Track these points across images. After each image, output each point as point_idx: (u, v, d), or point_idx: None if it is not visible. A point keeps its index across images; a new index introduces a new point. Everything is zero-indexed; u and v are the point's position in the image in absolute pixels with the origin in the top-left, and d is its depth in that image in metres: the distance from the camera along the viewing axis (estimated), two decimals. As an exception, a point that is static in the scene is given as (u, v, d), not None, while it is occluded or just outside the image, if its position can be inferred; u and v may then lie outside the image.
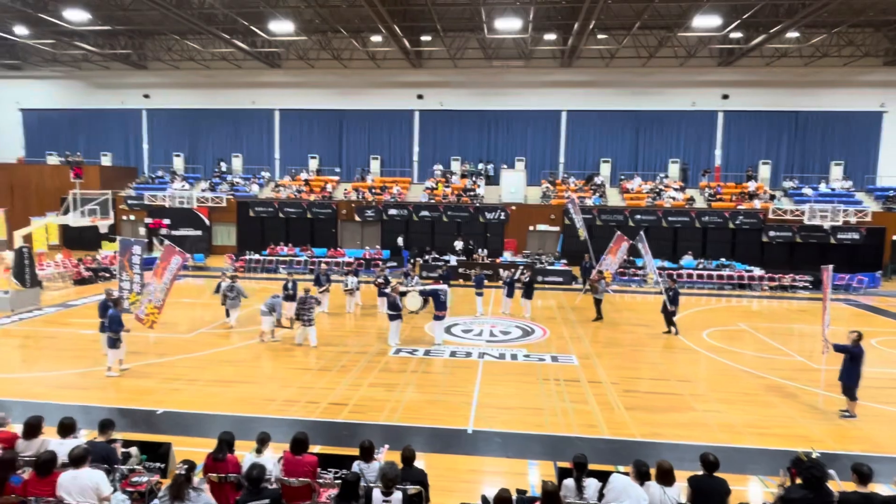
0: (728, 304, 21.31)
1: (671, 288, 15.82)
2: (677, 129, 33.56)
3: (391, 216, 30.93)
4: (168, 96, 36.60)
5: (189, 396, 10.27)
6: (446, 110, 34.89)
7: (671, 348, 14.45)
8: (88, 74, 36.94)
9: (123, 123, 37.44)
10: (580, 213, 23.21)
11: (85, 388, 10.68)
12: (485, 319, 17.22)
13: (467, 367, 12.38)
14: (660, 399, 10.59)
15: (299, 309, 13.24)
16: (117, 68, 36.14)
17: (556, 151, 34.76)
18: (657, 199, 30.64)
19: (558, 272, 24.98)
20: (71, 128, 37.79)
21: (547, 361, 12.91)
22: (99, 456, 6.05)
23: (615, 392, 10.92)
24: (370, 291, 20.34)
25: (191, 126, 36.95)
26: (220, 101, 36.19)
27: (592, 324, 17.01)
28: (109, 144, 37.59)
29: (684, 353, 14.04)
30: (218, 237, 32.83)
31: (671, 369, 12.56)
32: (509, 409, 9.92)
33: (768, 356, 13.81)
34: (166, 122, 37.08)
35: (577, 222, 23.15)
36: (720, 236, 28.94)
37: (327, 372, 11.83)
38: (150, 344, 13.78)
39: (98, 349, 12.96)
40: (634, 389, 11.13)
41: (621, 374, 12.08)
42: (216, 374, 11.60)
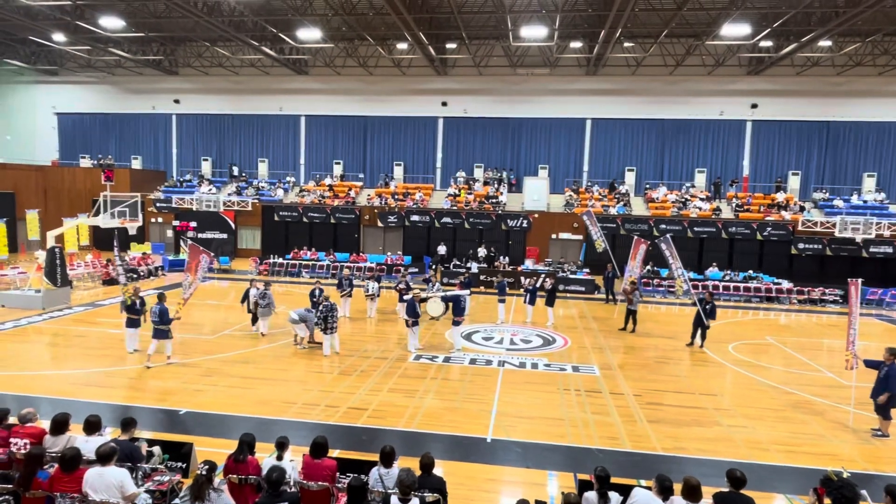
0: (755, 318, 20.88)
1: (708, 301, 15.44)
2: (704, 139, 33.11)
3: (413, 222, 31.03)
4: (197, 102, 37.37)
5: (211, 397, 10.38)
6: (470, 117, 34.96)
7: (696, 361, 14.20)
8: (121, 80, 37.94)
9: (154, 128, 38.32)
10: (597, 225, 22.91)
11: (111, 386, 10.88)
12: (505, 327, 17.13)
13: (487, 374, 12.31)
14: (684, 413, 10.39)
15: (327, 317, 13.16)
16: (149, 74, 37.05)
17: (580, 159, 34.55)
18: (683, 208, 30.22)
19: (581, 281, 24.76)
20: (103, 131, 38.82)
21: (568, 371, 12.77)
22: (123, 454, 6.14)
23: (638, 404, 10.75)
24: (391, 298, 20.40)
25: (219, 131, 37.65)
26: (247, 107, 36.82)
27: (614, 334, 16.80)
28: (140, 148, 38.52)
29: (710, 366, 13.78)
30: (243, 240, 33.30)
31: (696, 383, 12.33)
32: (529, 419, 9.82)
33: (796, 371, 13.47)
34: (195, 126, 37.85)
35: (594, 234, 22.93)
36: (747, 248, 28.41)
37: (347, 376, 11.87)
38: (174, 345, 13.96)
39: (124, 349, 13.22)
40: (658, 402, 10.94)
41: (644, 387, 11.89)
42: (238, 376, 11.71)
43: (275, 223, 32.35)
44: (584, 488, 6.01)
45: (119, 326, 14.31)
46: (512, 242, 30.41)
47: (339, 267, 26.09)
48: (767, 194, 31.54)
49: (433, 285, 18.04)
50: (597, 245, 22.87)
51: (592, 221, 22.99)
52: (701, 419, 10.12)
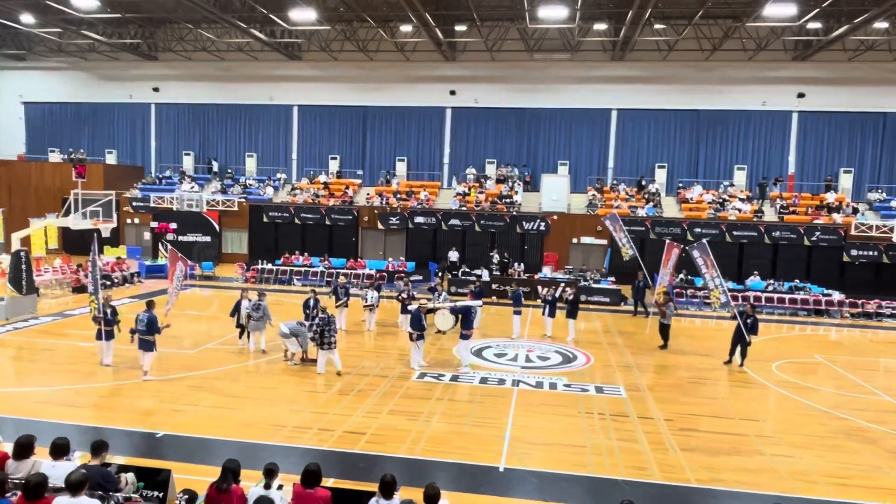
0: (802, 333, 20.71)
1: (750, 314, 15.36)
2: (744, 132, 33.02)
3: (417, 224, 31.09)
4: (179, 90, 37.70)
5: (192, 419, 10.41)
6: (481, 108, 35.04)
7: (736, 382, 14.11)
8: (95, 66, 38.34)
9: (130, 119, 38.68)
10: (623, 230, 22.78)
11: (81, 405, 10.94)
12: (521, 343, 17.09)
13: (500, 395, 12.29)
14: (721, 440, 10.32)
15: (323, 331, 13.12)
16: (126, 59, 37.42)
17: (604, 155, 34.54)
18: (720, 210, 30.10)
19: (605, 291, 24.69)
20: (75, 123, 39.23)
21: (591, 392, 12.72)
22: (95, 481, 6.16)
23: (669, 430, 10.68)
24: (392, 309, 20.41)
25: (202, 123, 37.95)
26: (234, 96, 37.11)
27: (643, 350, 16.73)
28: (115, 141, 38.89)
29: (751, 387, 13.70)
30: (228, 244, 33.47)
31: (735, 406, 12.26)
32: (547, 446, 9.79)
33: (849, 394, 13.35)
34: (176, 117, 38.17)
35: (619, 240, 22.83)
36: (793, 254, 28.24)
37: (343, 396, 11.88)
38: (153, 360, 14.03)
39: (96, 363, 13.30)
40: (692, 428, 10.87)
41: (676, 410, 11.82)
42: (222, 396, 11.74)
43: (263, 225, 32.50)
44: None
45: (90, 339, 14.39)
46: (528, 247, 30.39)
47: (335, 274, 26.14)
48: (816, 194, 31.36)
49: (439, 295, 18.03)
50: (623, 253, 22.76)
51: (618, 226, 22.91)
52: (741, 447, 10.04)
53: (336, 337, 13.25)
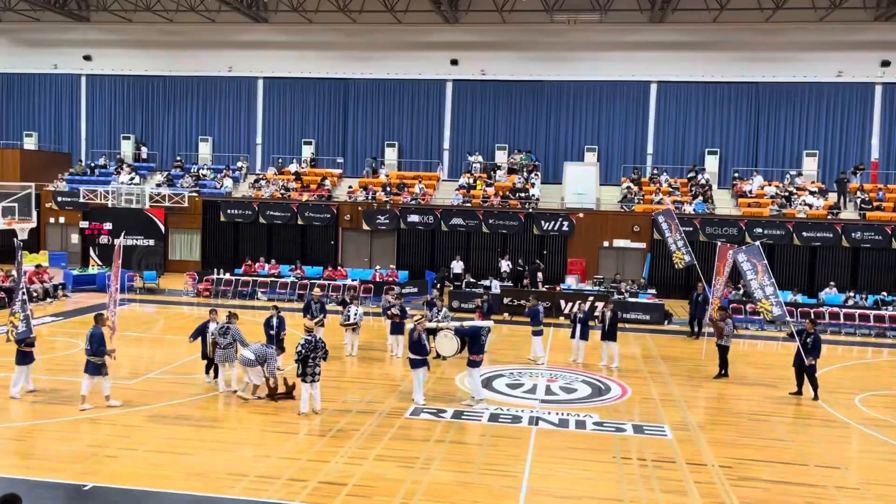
0: (892, 359, 20.58)
1: (810, 332, 15.32)
2: (815, 110, 33.07)
3: (411, 224, 31.04)
4: (116, 59, 37.78)
5: (129, 466, 10.29)
6: (489, 81, 35.07)
7: (809, 420, 14.00)
8: (10, 28, 38.45)
9: (55, 94, 38.76)
10: (680, 230, 22.63)
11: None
12: (540, 371, 16.99)
13: (515, 436, 12.18)
14: (793, 493, 10.20)
15: (307, 357, 12.82)
16: (50, 20, 37.48)
17: (642, 138, 34.57)
18: (786, 206, 30.05)
19: (644, 306, 24.59)
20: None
21: (628, 432, 12.61)
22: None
23: (727, 480, 10.57)
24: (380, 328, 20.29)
25: (145, 99, 38.00)
26: (185, 67, 37.17)
27: (693, 382, 16.63)
28: (35, 121, 38.98)
29: (827, 426, 13.57)
30: (177, 249, 33.42)
31: (808, 450, 12.14)
32: (574, 500, 9.68)
33: (952, 435, 13.22)
34: (112, 92, 38.25)
35: (673, 243, 22.67)
36: (879, 260, 28.18)
37: (319, 438, 11.77)
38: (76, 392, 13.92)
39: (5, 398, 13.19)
40: (754, 477, 10.76)
41: (735, 455, 11.71)
42: (167, 437, 11.61)
43: (220, 225, 32.47)
44: None
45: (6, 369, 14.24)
46: (547, 253, 30.32)
47: (309, 285, 26.03)
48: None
49: (438, 311, 17.94)
50: (676, 259, 22.59)
51: (673, 225, 22.69)
52: (818, 502, 9.93)
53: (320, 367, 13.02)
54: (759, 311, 17.30)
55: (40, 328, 20.21)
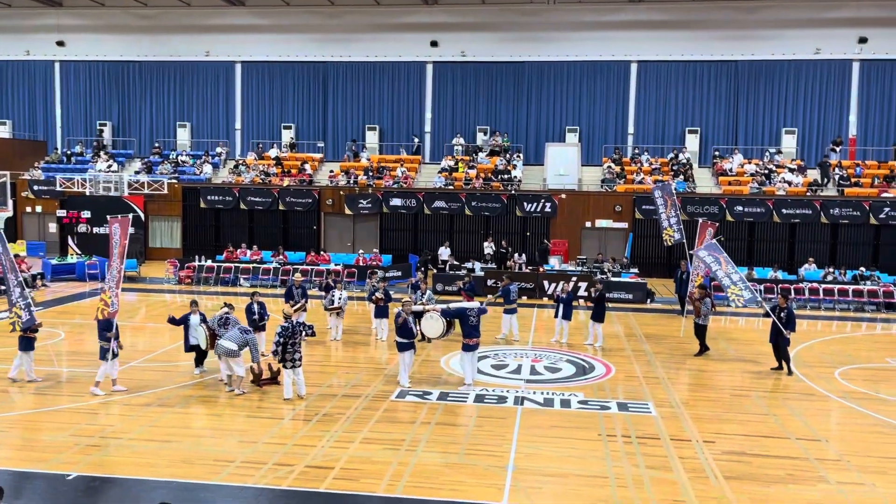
0: (870, 332, 20.83)
1: (783, 308, 15.48)
2: (794, 87, 33.25)
3: (394, 208, 30.95)
4: (91, 44, 37.21)
5: (113, 455, 10.24)
6: (469, 62, 34.94)
7: (789, 394, 14.15)
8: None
9: (29, 81, 38.17)
10: (675, 207, 22.65)
11: (-29, 441, 10.72)
12: (525, 351, 17.05)
13: (500, 416, 12.22)
14: (774, 465, 10.32)
15: (286, 343, 12.80)
16: (21, 4, 36.81)
17: (623, 118, 34.61)
18: (766, 184, 30.25)
19: (627, 286, 24.72)
20: (-42, 87, 38.58)
21: (612, 410, 12.69)
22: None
23: (710, 454, 10.67)
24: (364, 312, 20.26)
25: (121, 85, 37.50)
26: (161, 52, 36.70)
27: (676, 359, 16.75)
28: (9, 109, 38.45)
29: (809, 400, 13.72)
30: (157, 236, 33.17)
31: (790, 423, 12.28)
32: (560, 478, 9.73)
33: (930, 406, 13.43)
34: (87, 79, 37.72)
35: (665, 219, 22.72)
36: (857, 236, 28.50)
37: (304, 422, 11.75)
38: (58, 382, 13.80)
39: None
40: (737, 451, 10.87)
41: (717, 430, 11.83)
42: (150, 426, 11.55)
43: (200, 212, 32.23)
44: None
45: None
46: (530, 234, 30.37)
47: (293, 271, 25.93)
48: (884, 161, 31.63)
49: (423, 294, 17.94)
50: (665, 236, 22.69)
51: (669, 200, 22.64)
52: (799, 474, 10.04)
53: (301, 352, 12.98)
54: (731, 298, 17.53)
55: (20, 318, 20.04)
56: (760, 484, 9.65)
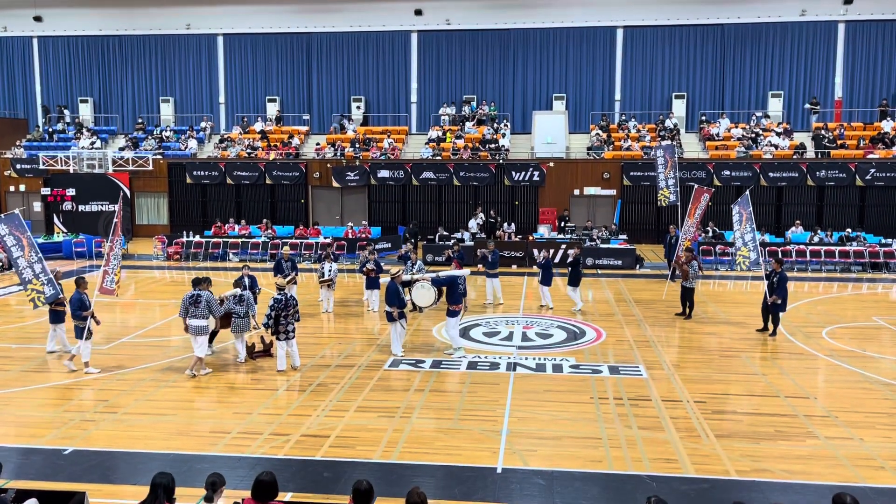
0: (856, 292, 21.04)
1: (776, 272, 15.59)
2: (780, 50, 33.18)
3: (382, 180, 30.84)
4: (68, 19, 36.59)
5: (108, 430, 10.26)
6: (455, 31, 34.63)
7: (778, 353, 14.32)
8: (-42, -9, 36.95)
9: (7, 57, 37.59)
10: (675, 168, 22.62)
11: (-35, 419, 10.72)
12: (517, 318, 17.16)
13: (493, 382, 12.32)
14: (764, 423, 10.48)
15: (279, 316, 12.79)
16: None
17: (609, 85, 34.49)
18: (753, 147, 30.30)
19: (616, 252, 24.82)
20: (-65, 66, 37.96)
21: (604, 374, 12.82)
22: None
23: (700, 414, 10.81)
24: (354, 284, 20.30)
25: (101, 60, 36.98)
26: (141, 25, 36.15)
27: (665, 321, 16.90)
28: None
29: (797, 359, 13.89)
30: (143, 213, 32.96)
31: (779, 382, 12.43)
32: (553, 440, 9.84)
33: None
34: (66, 55, 37.16)
35: (663, 180, 22.72)
36: (844, 198, 28.67)
37: (299, 393, 11.81)
38: (50, 359, 13.78)
39: None
40: (728, 410, 11.04)
41: (709, 390, 11.97)
42: (145, 400, 11.57)
43: (187, 188, 32.02)
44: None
45: None
46: (519, 203, 30.37)
47: (282, 244, 25.89)
48: (869, 123, 31.70)
49: (413, 264, 17.96)
50: (660, 197, 22.78)
51: (671, 161, 22.58)
52: (788, 431, 10.20)
53: (295, 324, 12.96)
54: (738, 260, 17.57)
55: (8, 298, 19.96)
56: (751, 441, 9.80)
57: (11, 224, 14.17)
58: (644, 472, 8.85)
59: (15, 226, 14.23)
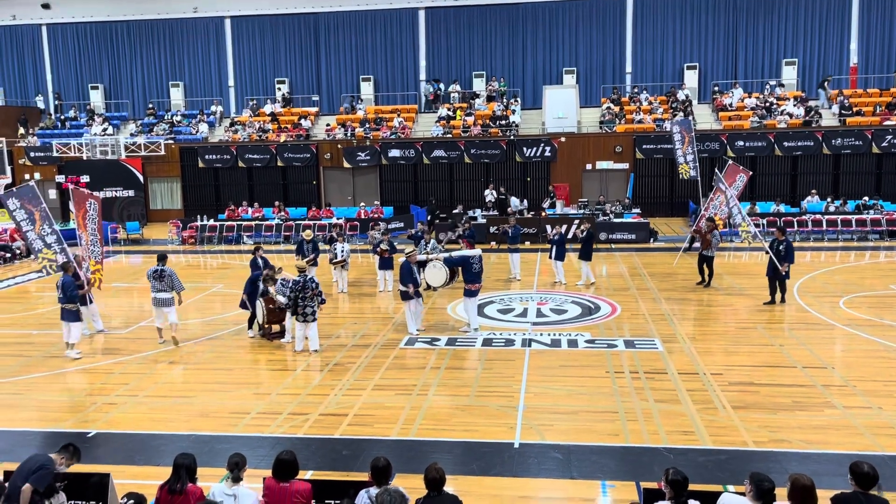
0: (874, 261, 20.94)
1: (781, 240, 15.49)
2: (794, 17, 32.72)
3: (393, 160, 30.79)
4: (76, 5, 36.60)
5: (130, 412, 10.40)
6: (463, 6, 34.37)
7: (795, 324, 14.28)
8: (-35, -19, 36.99)
9: (17, 46, 37.66)
10: (693, 143, 22.52)
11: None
12: (531, 294, 17.18)
13: (509, 358, 12.37)
14: (781, 393, 10.47)
15: (297, 297, 12.82)
16: (4, -31, 36.09)
17: (620, 57, 34.19)
18: (767, 117, 29.98)
19: (630, 226, 24.73)
20: (-54, 56, 38.11)
21: (619, 348, 12.83)
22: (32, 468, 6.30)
23: (717, 386, 10.82)
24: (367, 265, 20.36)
25: (110, 47, 37.02)
26: (148, 10, 36.12)
27: (678, 294, 16.88)
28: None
29: (814, 329, 13.85)
30: (157, 198, 33.12)
31: (796, 353, 12.41)
32: (570, 415, 9.89)
33: (934, 330, 13.56)
34: (76, 42, 37.21)
35: (682, 156, 22.61)
36: (860, 166, 28.39)
37: (316, 373, 11.91)
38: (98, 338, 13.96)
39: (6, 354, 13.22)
40: (745, 381, 11.02)
41: (725, 362, 11.97)
42: (166, 382, 11.72)
43: (199, 172, 32.13)
44: (653, 499, 6.04)
45: None
46: (531, 179, 30.26)
47: (296, 227, 25.99)
48: (885, 90, 31.27)
49: (426, 244, 17.96)
50: (681, 170, 22.69)
51: (687, 136, 22.52)
52: (806, 401, 10.19)
53: (316, 307, 12.95)
54: (742, 235, 17.79)
55: (27, 285, 20.18)
56: (768, 412, 9.81)
57: (24, 197, 14.30)
58: (661, 445, 8.88)
59: (28, 199, 14.37)
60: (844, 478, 5.87)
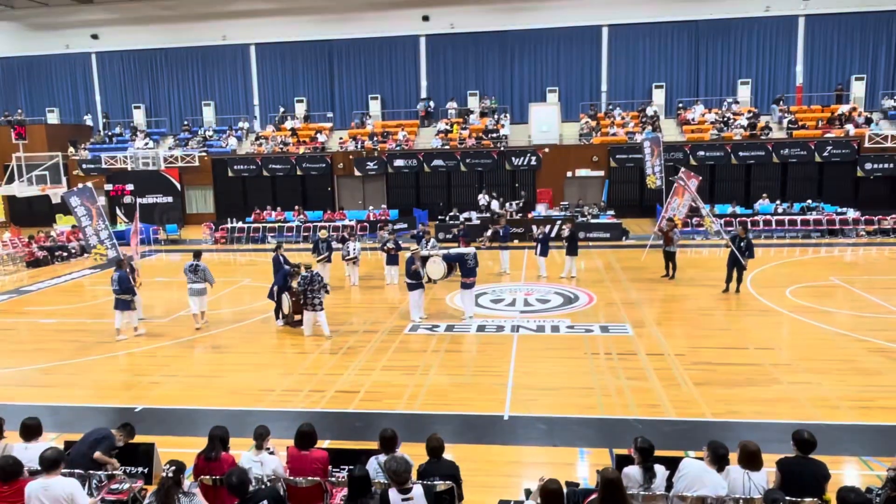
0: (816, 255, 21.01)
1: (742, 237, 15.57)
2: (747, 42, 32.71)
3: (397, 168, 30.82)
4: (121, 35, 36.52)
5: (171, 390, 10.49)
6: (458, 34, 34.33)
7: (747, 311, 14.35)
8: (23, 14, 36.88)
9: (70, 72, 37.60)
10: (661, 156, 22.49)
11: (50, 385, 10.96)
12: (518, 286, 17.23)
13: (499, 342, 12.45)
14: (735, 371, 10.55)
15: (306, 290, 12.98)
16: (57, 4, 35.98)
17: (596, 78, 34.16)
18: (724, 130, 30.01)
19: (605, 226, 24.78)
20: (7, 80, 38.12)
21: (595, 332, 12.90)
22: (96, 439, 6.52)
23: (680, 365, 10.90)
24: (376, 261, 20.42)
25: (150, 71, 36.99)
26: (183, 38, 36.05)
27: (647, 286, 16.93)
28: (55, 98, 37.92)
29: (764, 315, 13.93)
30: (193, 203, 33.12)
31: (748, 335, 12.50)
32: (553, 390, 9.98)
33: (869, 315, 13.63)
34: (121, 67, 37.18)
35: (650, 167, 22.57)
36: (804, 173, 28.43)
37: (332, 355, 11.98)
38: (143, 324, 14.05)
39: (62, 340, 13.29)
40: (704, 361, 11.10)
41: (687, 344, 12.06)
42: (202, 364, 11.83)
43: (229, 180, 32.12)
44: (624, 464, 6.13)
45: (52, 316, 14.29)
46: (519, 185, 30.29)
47: (313, 227, 26.03)
48: (826, 106, 31.29)
49: (427, 242, 18.02)
50: (649, 181, 22.67)
51: (656, 150, 22.45)
52: (757, 377, 10.28)
53: (322, 297, 13.07)
54: (706, 226, 17.88)
55: (81, 280, 20.23)
56: (724, 387, 9.90)
57: (83, 196, 14.59)
58: (631, 417, 8.97)
59: (86, 197, 14.65)
60: (788, 444, 5.97)
